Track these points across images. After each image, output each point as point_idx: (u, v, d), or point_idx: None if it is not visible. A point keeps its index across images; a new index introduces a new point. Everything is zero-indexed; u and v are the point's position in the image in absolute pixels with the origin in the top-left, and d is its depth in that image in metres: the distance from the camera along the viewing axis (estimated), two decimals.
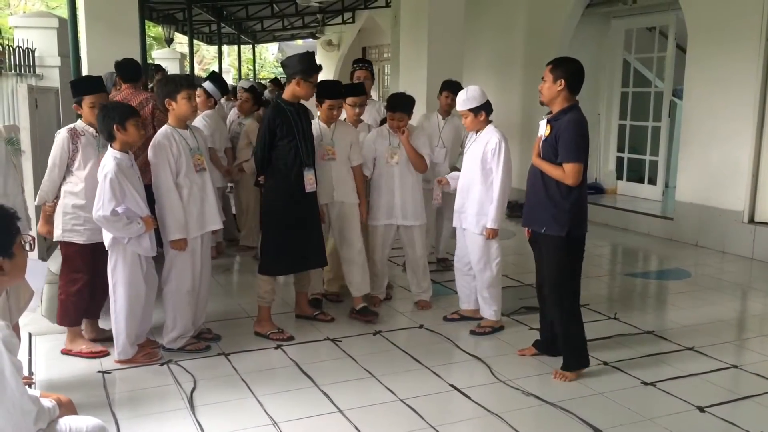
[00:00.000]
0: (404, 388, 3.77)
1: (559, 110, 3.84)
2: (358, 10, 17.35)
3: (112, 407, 3.52)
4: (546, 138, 3.87)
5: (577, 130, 3.78)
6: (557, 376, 3.92)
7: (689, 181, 7.54)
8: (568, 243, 3.85)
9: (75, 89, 4.23)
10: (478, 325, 4.69)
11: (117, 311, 3.99)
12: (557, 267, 3.91)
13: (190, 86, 4.14)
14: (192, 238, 4.13)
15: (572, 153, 3.75)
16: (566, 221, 3.82)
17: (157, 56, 15.25)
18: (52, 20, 7.91)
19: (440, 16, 8.03)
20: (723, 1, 7.06)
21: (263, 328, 4.54)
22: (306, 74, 4.39)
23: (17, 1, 23.38)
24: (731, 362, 4.20)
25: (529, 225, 4.07)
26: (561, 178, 3.78)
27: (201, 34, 19.78)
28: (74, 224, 4.05)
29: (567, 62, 3.90)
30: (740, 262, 6.73)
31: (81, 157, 4.07)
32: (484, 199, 4.52)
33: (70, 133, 4.08)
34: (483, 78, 10.80)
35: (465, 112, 4.58)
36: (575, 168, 3.75)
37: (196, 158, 4.13)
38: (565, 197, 3.82)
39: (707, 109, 7.28)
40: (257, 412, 3.50)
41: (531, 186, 4.03)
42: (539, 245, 4.04)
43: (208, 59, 32.18)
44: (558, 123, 3.83)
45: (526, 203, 4.09)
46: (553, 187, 3.85)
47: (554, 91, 3.82)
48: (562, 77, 3.79)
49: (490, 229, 4.49)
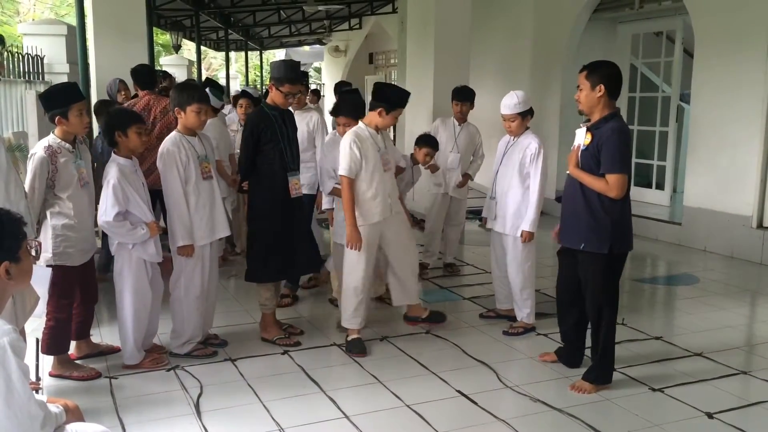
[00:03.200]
0: (411, 394, 3.75)
1: (600, 118, 3.64)
2: (365, 17, 17.41)
3: (118, 413, 3.53)
4: (586, 147, 3.65)
5: (622, 139, 3.58)
6: (575, 389, 3.81)
7: (697, 186, 7.51)
8: (610, 261, 3.66)
9: (59, 99, 3.80)
10: (511, 326, 4.74)
11: (123, 317, 4.00)
12: (600, 286, 3.71)
13: (202, 101, 4.11)
14: (201, 245, 4.14)
15: (617, 164, 3.54)
16: (608, 237, 3.62)
17: (165, 63, 15.31)
18: (61, 27, 7.96)
19: (447, 22, 8.04)
20: (730, 6, 7.04)
21: (269, 333, 4.54)
22: (278, 82, 4.36)
23: (27, 8, 23.55)
24: (740, 368, 4.17)
25: (566, 241, 3.85)
26: (604, 190, 3.58)
27: (208, 41, 19.87)
28: (66, 246, 3.79)
29: (603, 66, 3.68)
30: (749, 268, 6.69)
31: (62, 176, 3.75)
32: (521, 202, 4.54)
33: (48, 153, 3.72)
34: (490, 84, 10.81)
35: (513, 116, 4.54)
36: (620, 179, 3.55)
37: (204, 166, 4.14)
38: (608, 211, 3.62)
39: (715, 114, 7.26)
40: (264, 418, 3.49)
41: (568, 198, 3.80)
42: (573, 259, 3.83)
43: (216, 66, 32.29)
44: (599, 131, 3.61)
45: (561, 217, 3.89)
46: (594, 200, 3.63)
47: (594, 99, 3.62)
48: (601, 82, 3.59)
49: (528, 232, 4.52)
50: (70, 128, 3.82)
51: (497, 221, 4.70)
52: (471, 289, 5.81)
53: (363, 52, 20.09)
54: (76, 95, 3.88)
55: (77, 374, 3.94)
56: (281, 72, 4.39)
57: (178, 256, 4.11)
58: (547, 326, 4.77)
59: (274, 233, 4.39)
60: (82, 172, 3.87)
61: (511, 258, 4.67)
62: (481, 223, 4.84)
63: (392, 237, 4.55)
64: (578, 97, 3.70)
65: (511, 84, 10.18)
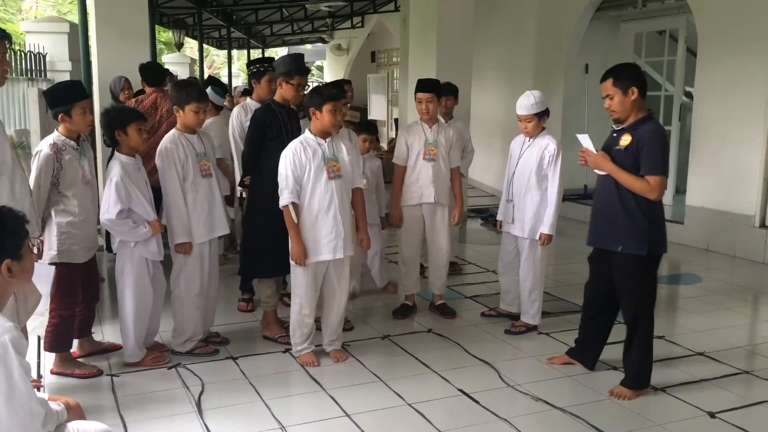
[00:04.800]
0: (412, 393, 3.75)
1: (636, 120, 3.58)
2: (367, 15, 17.38)
3: (120, 410, 3.53)
4: (625, 148, 3.57)
5: (662, 141, 3.57)
6: (615, 395, 3.71)
7: (700, 185, 7.50)
8: (647, 262, 3.62)
9: (63, 97, 3.80)
10: (513, 324, 4.74)
11: (125, 315, 4.00)
12: (638, 289, 3.65)
13: (201, 100, 4.11)
14: (200, 243, 4.14)
15: (658, 165, 3.51)
16: (646, 238, 3.56)
17: (167, 61, 15.33)
18: (63, 25, 7.97)
19: (449, 20, 8.03)
20: (733, 5, 7.03)
21: (271, 331, 4.54)
22: (287, 76, 4.36)
23: (29, 6, 23.56)
24: (742, 368, 4.16)
25: (600, 243, 3.77)
26: (645, 191, 3.52)
27: (211, 39, 19.87)
28: (70, 244, 3.78)
29: (628, 68, 3.67)
30: (751, 267, 6.68)
31: (67, 174, 3.76)
32: (540, 205, 4.51)
33: (53, 150, 3.72)
34: (492, 82, 10.82)
35: (530, 116, 4.49)
36: (662, 181, 3.52)
37: (203, 163, 4.13)
38: (645, 212, 3.57)
39: (718, 113, 7.24)
40: (265, 416, 3.49)
41: (603, 199, 3.73)
42: (605, 263, 3.75)
43: (218, 63, 32.32)
44: (638, 132, 3.55)
45: (594, 219, 3.81)
46: (631, 201, 3.57)
47: (628, 103, 3.56)
48: (633, 85, 3.54)
49: (547, 235, 4.51)
50: (73, 126, 3.82)
51: (515, 224, 4.64)
52: (473, 288, 5.80)
53: (365, 51, 20.07)
54: (79, 93, 3.88)
55: (79, 372, 3.94)
56: (288, 65, 4.39)
57: (177, 253, 4.11)
58: (549, 325, 4.77)
59: (273, 229, 4.37)
60: (86, 170, 3.88)
61: (524, 260, 4.65)
62: (483, 222, 4.87)
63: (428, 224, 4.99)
64: (609, 106, 3.62)
65: (514, 83, 10.20)
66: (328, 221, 3.99)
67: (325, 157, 4.00)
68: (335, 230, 3.99)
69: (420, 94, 4.89)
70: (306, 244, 3.98)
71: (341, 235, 4.01)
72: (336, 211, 3.99)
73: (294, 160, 3.96)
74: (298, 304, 4.11)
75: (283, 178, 3.97)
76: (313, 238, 4.00)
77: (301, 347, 4.19)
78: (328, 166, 3.99)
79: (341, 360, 4.21)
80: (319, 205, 3.98)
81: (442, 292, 5.14)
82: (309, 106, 4.04)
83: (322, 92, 4.04)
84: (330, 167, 4.00)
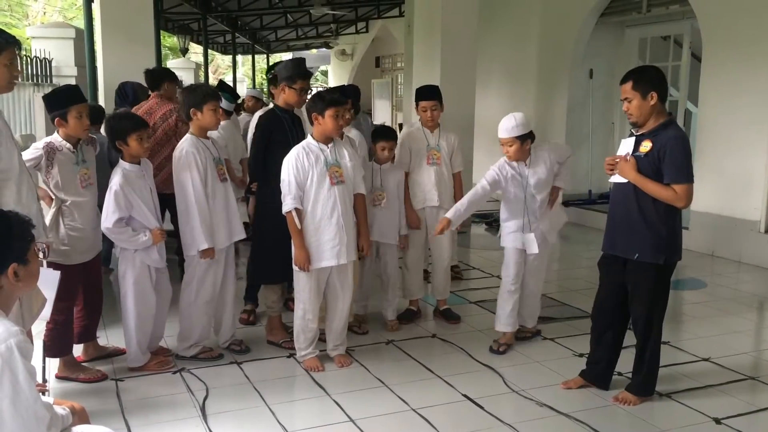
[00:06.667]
0: (416, 398, 3.75)
1: (657, 125, 3.48)
2: (371, 20, 17.45)
3: (125, 415, 3.53)
4: (645, 155, 3.47)
5: (686, 147, 3.45)
6: (619, 401, 3.68)
7: (705, 190, 7.45)
8: (662, 270, 3.56)
9: (59, 100, 3.80)
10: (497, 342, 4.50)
11: (127, 319, 4.00)
12: (652, 297, 3.58)
13: (216, 98, 4.14)
14: (219, 249, 4.12)
15: (684, 173, 3.42)
16: (664, 247, 3.51)
17: (172, 66, 15.34)
18: (69, 31, 8.00)
19: (453, 25, 8.04)
20: (738, 10, 7.02)
21: (275, 336, 4.54)
22: (290, 80, 4.37)
23: (35, 11, 23.67)
24: (748, 374, 4.15)
25: (617, 250, 3.67)
26: (672, 199, 3.43)
27: (216, 44, 19.95)
28: (63, 245, 3.76)
29: (648, 71, 3.56)
30: (757, 273, 6.66)
31: (61, 176, 3.74)
32: (552, 213, 4.44)
33: (45, 148, 3.70)
34: (496, 88, 10.82)
35: (511, 140, 4.22)
36: (689, 189, 3.43)
37: (219, 168, 4.14)
38: (663, 220, 3.50)
39: (722, 119, 7.23)
40: (269, 421, 3.49)
41: (619, 206, 3.65)
42: (618, 269, 3.68)
43: (223, 69, 32.38)
44: (659, 138, 3.45)
45: (610, 225, 3.73)
46: (650, 209, 3.49)
47: (648, 107, 3.46)
48: (653, 90, 3.43)
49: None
50: (69, 130, 3.79)
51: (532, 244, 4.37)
52: (477, 293, 5.79)
53: (370, 56, 20.13)
54: (75, 97, 3.86)
55: (83, 376, 3.94)
56: (291, 70, 4.40)
57: (193, 260, 4.08)
58: (553, 331, 4.76)
59: (280, 234, 4.38)
60: (85, 174, 3.86)
61: (536, 268, 4.47)
62: (487, 227, 4.82)
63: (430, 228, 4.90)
64: (628, 109, 3.52)
65: (518, 88, 10.21)
66: (331, 227, 3.99)
67: (328, 163, 4.00)
68: (338, 236, 4.00)
69: (424, 102, 4.93)
70: (309, 250, 3.99)
71: (344, 241, 4.02)
72: (339, 217, 3.99)
73: (297, 165, 3.96)
74: (301, 309, 4.11)
75: (286, 184, 3.98)
76: (316, 244, 4.00)
77: (305, 352, 4.19)
78: (330, 172, 3.99)
79: (345, 365, 4.21)
80: (322, 211, 3.98)
81: (445, 296, 5.13)
82: (311, 111, 4.04)
83: (324, 97, 4.04)
84: (333, 173, 4.00)
